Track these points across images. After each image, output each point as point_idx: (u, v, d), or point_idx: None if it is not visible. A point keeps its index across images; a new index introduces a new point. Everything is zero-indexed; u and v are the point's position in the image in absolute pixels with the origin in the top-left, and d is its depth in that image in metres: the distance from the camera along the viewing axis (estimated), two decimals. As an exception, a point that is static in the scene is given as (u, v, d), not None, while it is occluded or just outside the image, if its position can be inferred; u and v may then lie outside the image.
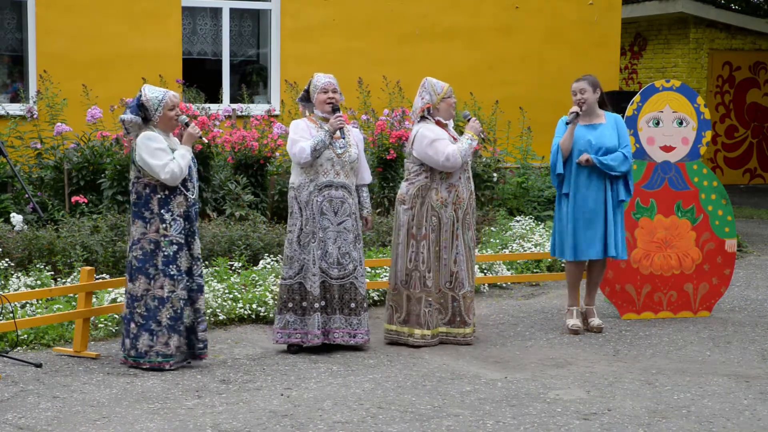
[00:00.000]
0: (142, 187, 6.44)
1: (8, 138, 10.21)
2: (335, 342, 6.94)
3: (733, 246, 8.28)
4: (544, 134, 8.58)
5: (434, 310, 7.17)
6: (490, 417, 5.64)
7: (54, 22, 11.44)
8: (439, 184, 7.17)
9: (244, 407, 5.76)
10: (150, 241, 6.43)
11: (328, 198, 6.88)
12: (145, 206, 6.44)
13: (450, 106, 7.29)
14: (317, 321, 6.84)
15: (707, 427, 5.54)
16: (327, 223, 6.89)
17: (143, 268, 6.44)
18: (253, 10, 12.78)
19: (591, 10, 13.98)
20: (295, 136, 6.88)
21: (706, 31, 18.21)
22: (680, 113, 8.15)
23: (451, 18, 13.25)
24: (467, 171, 7.26)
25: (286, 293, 6.89)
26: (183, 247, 6.47)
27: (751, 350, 7.21)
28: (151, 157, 6.33)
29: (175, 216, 6.44)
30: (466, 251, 7.19)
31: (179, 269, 6.45)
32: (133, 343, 6.47)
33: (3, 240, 8.33)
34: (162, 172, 6.32)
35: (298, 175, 6.94)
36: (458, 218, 7.18)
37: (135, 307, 6.46)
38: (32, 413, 5.61)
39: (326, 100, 6.95)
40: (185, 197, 6.47)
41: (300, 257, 6.86)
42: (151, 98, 6.45)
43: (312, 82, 7.04)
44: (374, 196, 10.73)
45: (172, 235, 6.42)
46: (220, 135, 10.13)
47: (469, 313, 7.21)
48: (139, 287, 6.45)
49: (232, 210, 9.72)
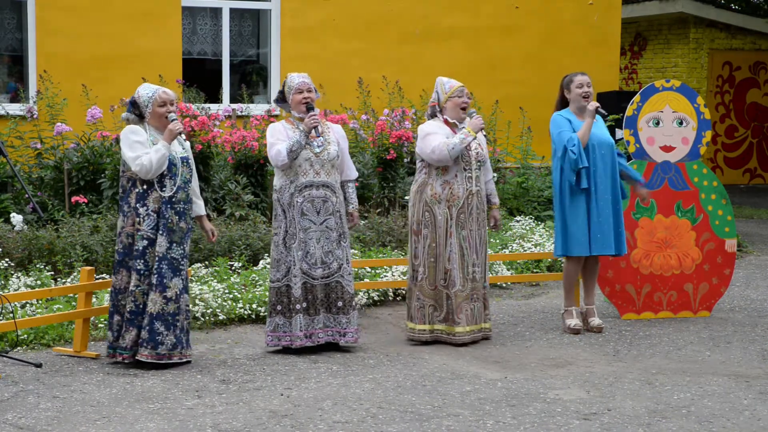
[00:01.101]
0: (125, 180, 6.49)
1: (8, 138, 10.22)
2: (321, 342, 6.92)
3: (733, 246, 8.28)
4: (544, 134, 8.57)
5: (428, 306, 7.19)
6: (490, 417, 5.64)
7: (54, 22, 11.44)
8: (435, 180, 7.19)
9: (244, 407, 5.76)
10: (128, 235, 6.46)
11: (309, 198, 6.87)
12: (125, 200, 6.48)
13: (457, 106, 7.26)
14: (299, 322, 6.84)
15: (707, 427, 5.54)
16: (308, 223, 6.87)
17: (122, 261, 6.48)
18: (253, 10, 12.78)
19: (591, 10, 13.98)
20: (272, 139, 6.86)
21: (706, 31, 18.22)
22: (680, 113, 8.15)
23: (451, 18, 13.25)
24: (468, 170, 7.23)
25: (275, 296, 6.88)
26: (153, 242, 6.46)
27: (751, 350, 7.21)
28: (128, 149, 6.38)
29: (149, 211, 6.43)
30: (460, 250, 7.17)
31: (146, 264, 6.45)
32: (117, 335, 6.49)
33: (3, 240, 8.33)
34: (133, 164, 6.35)
35: (279, 177, 6.92)
36: (452, 216, 7.17)
37: (119, 300, 6.49)
38: (32, 413, 5.61)
39: (301, 100, 6.92)
40: (159, 195, 6.44)
41: (286, 259, 6.86)
42: (143, 95, 6.50)
43: (287, 82, 6.99)
44: (374, 196, 10.74)
45: (144, 230, 6.42)
46: (220, 135, 10.13)
47: (458, 312, 7.16)
48: (120, 281, 6.49)
49: (232, 210, 9.72)
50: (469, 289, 7.21)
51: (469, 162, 7.22)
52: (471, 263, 7.21)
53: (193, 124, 9.78)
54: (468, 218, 7.21)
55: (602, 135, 7.53)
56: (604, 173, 7.49)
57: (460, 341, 7.16)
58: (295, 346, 6.86)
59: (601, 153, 7.48)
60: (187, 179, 6.57)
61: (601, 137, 7.51)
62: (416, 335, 7.23)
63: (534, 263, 9.67)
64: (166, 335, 6.45)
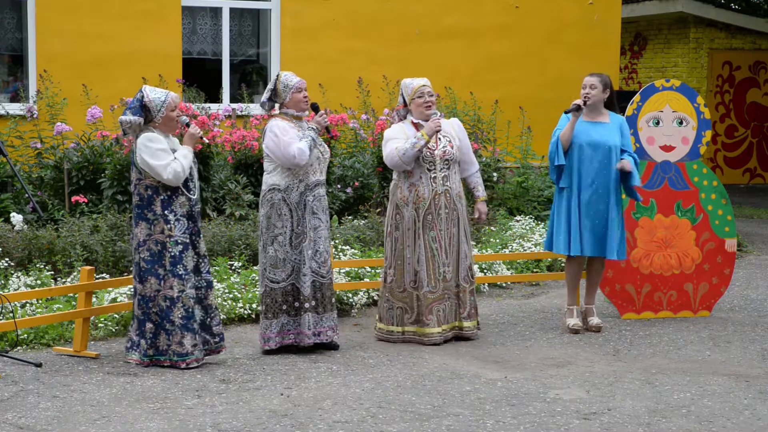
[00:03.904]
0: (143, 189, 6.45)
1: (8, 138, 10.22)
2: (328, 340, 6.94)
3: (733, 245, 8.28)
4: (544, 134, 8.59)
5: (396, 308, 7.20)
6: (490, 416, 5.64)
7: (54, 22, 11.44)
8: (403, 183, 7.22)
9: (244, 407, 5.77)
10: (156, 242, 6.45)
11: (317, 197, 6.89)
12: (148, 208, 6.45)
13: (419, 106, 7.22)
14: (309, 321, 6.84)
15: (707, 426, 5.54)
16: (317, 222, 6.88)
17: (152, 269, 6.46)
18: (253, 10, 12.78)
19: (591, 10, 13.98)
20: (286, 137, 6.74)
21: (706, 31, 18.22)
22: (680, 113, 8.15)
23: (451, 18, 13.25)
24: (433, 171, 7.16)
25: (281, 296, 6.85)
26: (188, 246, 6.50)
27: (751, 350, 7.21)
28: (152, 158, 6.34)
29: (178, 216, 6.46)
30: (428, 251, 7.14)
31: (186, 268, 6.47)
32: (152, 343, 6.51)
33: (3, 240, 8.33)
34: (164, 173, 6.33)
35: (284, 176, 6.84)
36: (419, 217, 7.16)
37: (150, 307, 6.49)
38: (32, 413, 5.61)
39: (303, 98, 6.91)
40: (187, 197, 6.49)
41: (291, 258, 6.85)
42: (154, 99, 6.46)
43: (281, 81, 6.90)
44: (374, 195, 10.74)
45: (177, 236, 6.44)
46: (220, 135, 10.13)
47: (428, 313, 7.14)
48: (150, 288, 6.48)
49: (232, 210, 9.72)
50: (441, 290, 7.18)
51: (433, 163, 7.16)
52: (441, 263, 7.17)
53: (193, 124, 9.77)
54: (436, 219, 7.15)
55: (601, 138, 7.46)
56: (596, 175, 7.46)
57: (431, 342, 7.15)
58: (300, 344, 6.86)
59: (592, 155, 7.44)
60: (197, 178, 6.63)
61: (599, 140, 7.45)
62: (385, 336, 7.28)
63: (534, 263, 9.68)
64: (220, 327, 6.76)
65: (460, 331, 7.31)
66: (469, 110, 11.89)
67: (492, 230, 10.40)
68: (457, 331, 7.31)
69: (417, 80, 7.26)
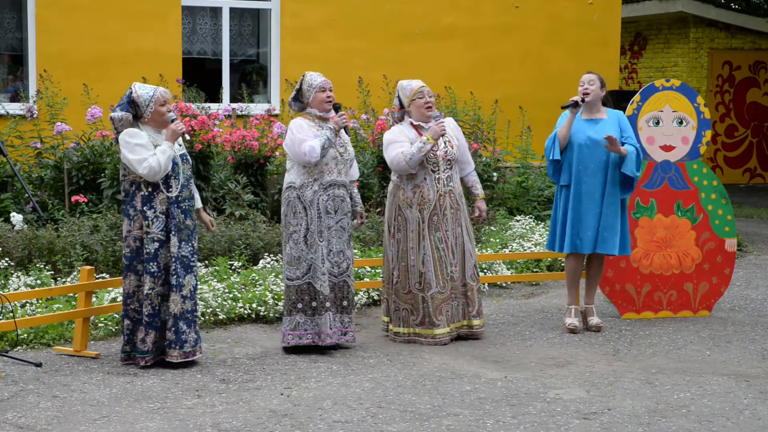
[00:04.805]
0: (128, 184, 6.46)
1: (8, 137, 10.22)
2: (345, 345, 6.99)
3: (733, 245, 8.28)
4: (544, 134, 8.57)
5: (402, 309, 7.20)
6: (490, 416, 5.64)
7: (54, 22, 11.44)
8: (405, 185, 7.21)
9: (244, 407, 5.77)
10: (135, 239, 6.45)
11: (332, 197, 6.89)
12: (130, 203, 6.45)
13: (420, 107, 7.22)
14: (329, 320, 6.84)
15: (707, 426, 5.54)
16: (331, 221, 6.90)
17: (131, 265, 6.47)
18: (253, 10, 12.78)
19: (591, 9, 13.98)
20: (300, 135, 6.79)
21: (706, 31, 18.21)
22: (680, 113, 8.15)
23: (451, 18, 13.26)
24: (437, 172, 7.17)
25: (295, 294, 6.86)
26: (164, 244, 6.46)
27: (751, 350, 7.21)
28: (130, 152, 6.33)
29: (157, 213, 6.42)
30: (435, 252, 7.14)
31: (159, 266, 6.44)
32: (129, 339, 6.51)
33: (3, 239, 8.33)
34: (140, 167, 6.30)
35: (299, 174, 6.89)
36: (424, 219, 7.15)
37: (128, 304, 6.49)
38: (32, 413, 5.61)
39: (326, 98, 6.95)
40: (165, 195, 6.43)
41: (307, 257, 6.85)
42: (142, 95, 6.45)
43: (306, 80, 6.98)
44: (374, 195, 10.74)
45: (154, 233, 6.41)
46: (220, 134, 10.13)
47: (437, 314, 7.15)
48: (130, 284, 6.48)
49: (232, 209, 9.72)
50: (449, 290, 7.19)
51: (437, 164, 7.17)
52: (449, 263, 7.18)
53: (193, 124, 9.77)
54: (442, 219, 7.16)
55: (599, 135, 7.43)
56: (594, 173, 7.46)
57: (441, 342, 7.15)
58: (319, 344, 6.87)
59: (592, 153, 7.44)
60: (188, 176, 6.58)
61: (598, 137, 7.44)
62: (392, 336, 7.29)
63: (534, 263, 9.68)
64: (188, 333, 6.51)
65: (470, 329, 7.32)
66: (468, 110, 11.89)
67: (492, 230, 10.40)
68: (466, 329, 7.32)
69: (415, 82, 7.27)
